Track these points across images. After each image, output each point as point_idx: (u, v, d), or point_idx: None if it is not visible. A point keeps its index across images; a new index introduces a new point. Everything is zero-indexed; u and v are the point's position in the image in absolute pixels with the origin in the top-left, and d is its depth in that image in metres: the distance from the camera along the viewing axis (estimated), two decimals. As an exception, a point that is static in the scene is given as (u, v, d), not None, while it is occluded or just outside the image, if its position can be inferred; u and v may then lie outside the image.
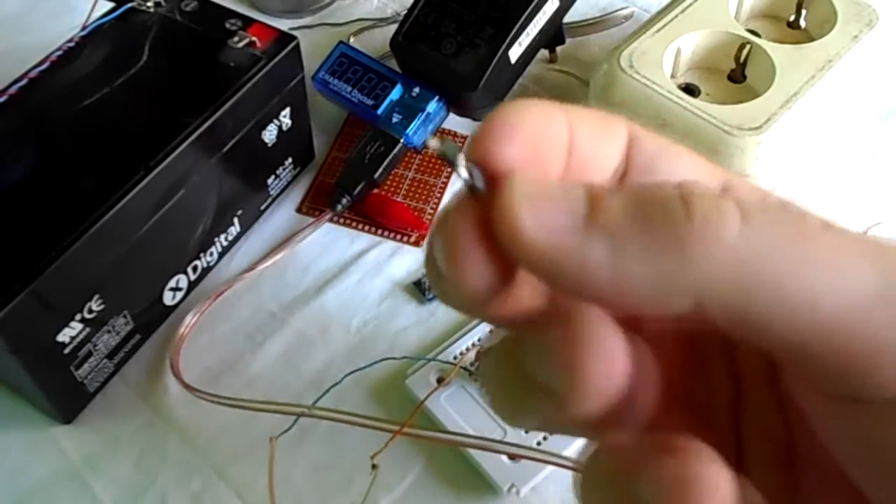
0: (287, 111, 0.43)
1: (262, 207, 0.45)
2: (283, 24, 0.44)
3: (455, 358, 0.38)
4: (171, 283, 0.40)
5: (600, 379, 0.13)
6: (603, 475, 0.14)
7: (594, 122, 0.16)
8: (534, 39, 0.46)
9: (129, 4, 0.42)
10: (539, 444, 0.35)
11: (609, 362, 0.13)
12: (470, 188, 0.14)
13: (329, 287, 0.42)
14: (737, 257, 0.13)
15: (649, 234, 0.13)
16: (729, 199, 0.13)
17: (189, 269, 0.41)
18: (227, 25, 0.41)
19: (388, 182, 0.46)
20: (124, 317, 0.37)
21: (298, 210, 0.46)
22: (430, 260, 0.14)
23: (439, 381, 0.37)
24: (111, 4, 0.42)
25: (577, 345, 0.13)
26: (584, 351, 0.13)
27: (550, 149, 0.15)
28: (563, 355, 0.13)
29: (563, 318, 0.13)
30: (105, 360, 0.38)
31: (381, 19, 0.56)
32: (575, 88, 0.51)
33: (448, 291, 0.14)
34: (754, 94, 0.43)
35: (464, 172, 0.14)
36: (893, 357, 0.13)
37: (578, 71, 0.52)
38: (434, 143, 0.14)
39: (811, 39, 0.46)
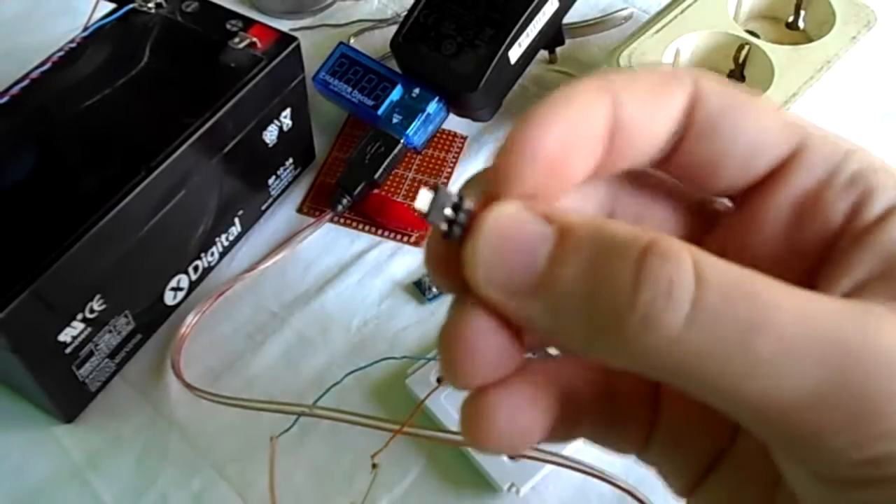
0: (288, 112, 0.43)
1: (263, 207, 0.45)
2: (284, 25, 0.44)
3: (455, 357, 0.38)
4: (172, 283, 0.40)
5: (462, 365, 0.15)
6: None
7: (645, 92, 0.16)
8: (533, 40, 0.46)
9: (131, 5, 0.42)
10: (539, 443, 0.35)
11: (467, 355, 0.15)
12: (445, 237, 0.15)
13: (329, 287, 0.43)
14: (673, 353, 0.13)
15: (590, 314, 0.13)
16: (686, 281, 0.13)
17: (190, 269, 0.41)
18: (228, 26, 0.41)
19: (389, 182, 0.46)
20: (125, 316, 0.38)
21: (299, 210, 0.46)
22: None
23: (439, 380, 0.37)
24: (112, 5, 0.42)
25: (445, 338, 0.15)
26: (449, 343, 0.15)
27: (578, 153, 0.15)
28: (441, 343, 0.15)
29: (452, 314, 0.15)
30: (106, 360, 0.38)
31: (381, 20, 0.56)
32: (574, 89, 0.51)
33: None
34: (753, 95, 0.43)
35: (444, 227, 0.15)
36: (839, 438, 0.13)
37: (578, 71, 0.52)
38: (422, 205, 0.15)
39: (810, 40, 0.46)
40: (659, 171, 0.17)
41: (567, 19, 0.49)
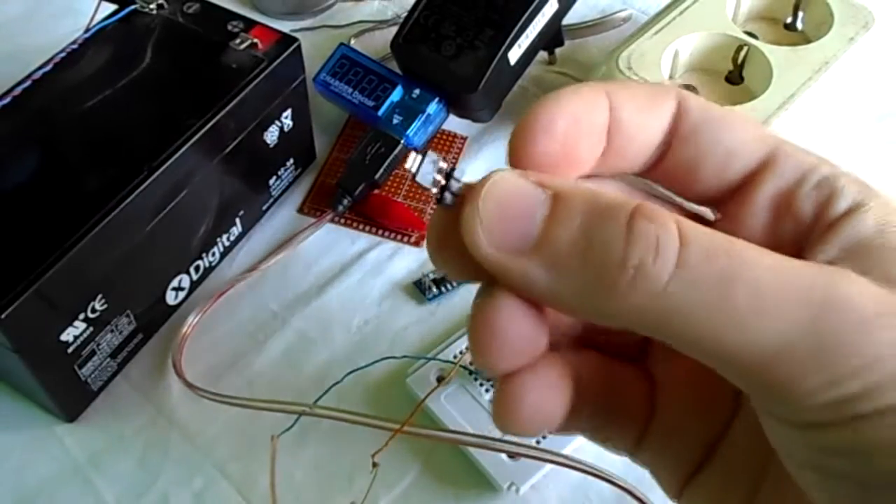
0: (288, 112, 0.43)
1: (264, 208, 0.46)
2: (285, 26, 0.44)
3: (455, 357, 0.38)
4: (174, 283, 0.40)
5: (493, 351, 0.16)
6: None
7: (640, 99, 0.17)
8: (533, 41, 0.46)
9: (132, 7, 0.42)
10: (538, 442, 0.35)
11: (497, 341, 0.16)
12: (438, 202, 0.16)
13: (330, 287, 0.43)
14: (660, 306, 0.14)
15: (585, 271, 0.15)
16: (671, 239, 0.14)
17: (191, 269, 0.41)
18: (229, 27, 0.41)
19: (389, 183, 0.47)
20: (127, 316, 0.38)
21: (300, 210, 0.46)
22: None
23: (439, 379, 0.37)
24: (114, 7, 0.43)
25: (475, 325, 0.16)
26: (478, 328, 0.16)
27: (585, 139, 0.17)
28: (470, 328, 0.16)
29: (478, 302, 0.16)
30: (108, 360, 0.38)
31: (381, 21, 0.56)
32: (574, 90, 0.52)
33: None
34: (752, 96, 0.44)
35: (434, 190, 0.16)
36: (811, 380, 0.14)
37: (577, 72, 0.52)
38: (410, 166, 0.16)
39: (808, 41, 0.47)
40: (650, 180, 0.19)
41: (566, 21, 0.49)
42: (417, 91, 0.46)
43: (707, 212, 0.19)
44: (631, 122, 0.17)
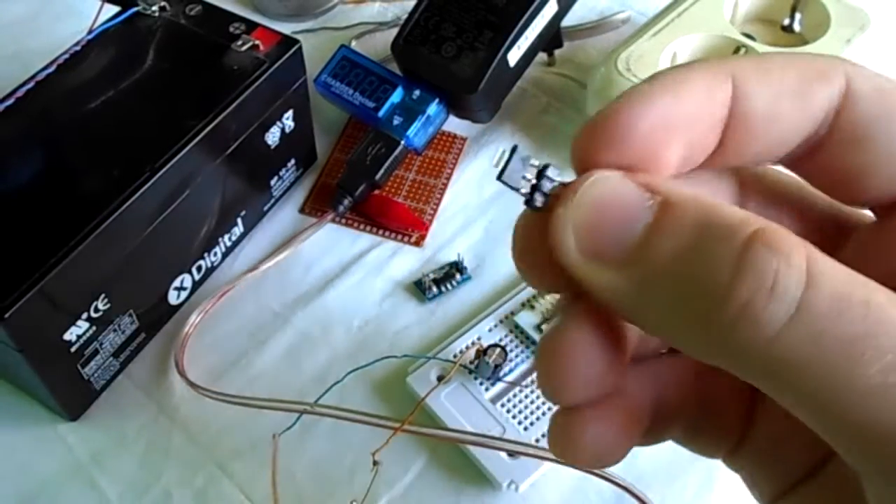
0: (290, 113, 0.44)
1: (266, 208, 0.46)
2: (286, 28, 0.45)
3: (455, 356, 0.38)
4: (176, 283, 0.41)
5: (561, 383, 0.14)
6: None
7: (785, 83, 0.14)
8: (532, 43, 0.46)
9: (135, 9, 0.42)
10: (538, 441, 0.36)
11: (567, 372, 0.14)
12: (527, 204, 0.14)
13: (331, 286, 0.43)
14: (767, 355, 0.11)
15: (680, 296, 0.12)
16: (795, 278, 0.11)
17: (193, 269, 0.42)
18: (231, 29, 0.42)
19: (390, 183, 0.47)
20: (130, 316, 0.38)
21: (301, 210, 0.47)
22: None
23: (439, 378, 0.38)
24: (116, 9, 0.43)
25: (545, 352, 0.15)
26: (544, 356, 0.14)
27: (676, 143, 0.14)
28: (538, 354, 0.15)
29: (551, 327, 0.15)
30: (111, 359, 0.38)
31: (382, 23, 0.56)
32: (572, 91, 0.52)
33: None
34: (749, 97, 0.44)
35: (523, 191, 0.14)
36: None
37: (576, 74, 0.53)
38: (497, 162, 0.14)
39: (805, 43, 0.47)
40: (788, 176, 0.16)
41: (565, 22, 0.49)
42: (417, 92, 0.46)
43: (863, 214, 0.16)
44: (762, 112, 0.13)
